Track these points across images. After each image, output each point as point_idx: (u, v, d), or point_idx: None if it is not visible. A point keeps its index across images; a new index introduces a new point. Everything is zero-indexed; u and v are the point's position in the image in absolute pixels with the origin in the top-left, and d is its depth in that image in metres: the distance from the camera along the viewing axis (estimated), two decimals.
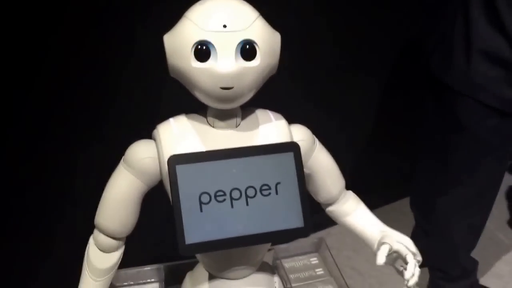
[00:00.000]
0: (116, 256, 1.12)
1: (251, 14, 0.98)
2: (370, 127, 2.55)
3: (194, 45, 0.94)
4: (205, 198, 0.99)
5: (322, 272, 1.34)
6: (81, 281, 1.12)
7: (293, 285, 1.31)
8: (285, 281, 1.31)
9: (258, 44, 0.97)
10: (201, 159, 1.00)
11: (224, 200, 1.00)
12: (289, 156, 1.04)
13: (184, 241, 0.97)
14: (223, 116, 1.05)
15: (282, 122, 1.11)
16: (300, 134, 1.12)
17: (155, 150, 1.04)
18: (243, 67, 0.95)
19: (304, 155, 1.08)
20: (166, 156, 1.00)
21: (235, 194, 1.01)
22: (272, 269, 1.20)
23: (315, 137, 1.16)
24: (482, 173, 1.79)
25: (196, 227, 0.98)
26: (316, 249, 1.40)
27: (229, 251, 1.05)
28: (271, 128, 1.08)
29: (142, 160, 1.03)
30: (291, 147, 1.04)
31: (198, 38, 0.93)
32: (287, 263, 1.39)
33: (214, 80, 0.95)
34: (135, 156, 1.04)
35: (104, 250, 1.10)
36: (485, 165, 1.78)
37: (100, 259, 1.10)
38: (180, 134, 1.04)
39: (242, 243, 1.01)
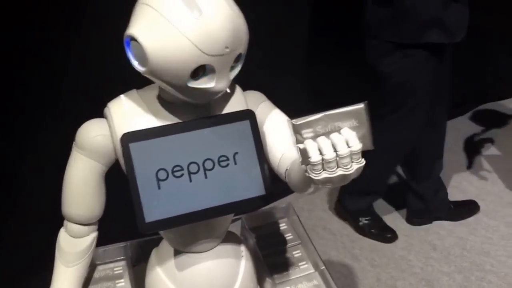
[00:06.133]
0: (88, 240, 1.09)
1: (245, 24, 0.95)
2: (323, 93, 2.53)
3: (193, 68, 0.89)
4: (162, 175, 0.97)
5: (291, 237, 1.35)
6: (54, 271, 1.09)
7: (262, 252, 1.31)
8: (253, 249, 1.30)
9: (245, 52, 0.97)
10: (155, 135, 0.97)
11: (182, 175, 0.98)
12: (245, 124, 1.02)
13: (144, 220, 0.95)
14: None
15: (237, 90, 1.08)
16: (255, 100, 1.09)
17: (107, 128, 1.00)
18: (232, 77, 0.97)
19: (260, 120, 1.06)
20: (119, 134, 0.97)
21: (193, 168, 0.99)
22: (239, 239, 1.20)
23: (269, 101, 1.12)
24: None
25: (155, 205, 0.96)
26: (285, 214, 1.40)
27: (193, 225, 1.04)
28: (225, 97, 1.06)
29: (93, 138, 0.99)
30: (247, 115, 1.02)
31: (200, 63, 0.89)
32: (256, 231, 1.38)
33: (208, 95, 0.95)
34: (85, 135, 1.00)
35: (75, 236, 1.08)
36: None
37: (70, 243, 1.08)
38: (132, 111, 1.01)
39: (203, 217, 1.00)
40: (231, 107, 1.04)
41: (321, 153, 0.77)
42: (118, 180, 1.06)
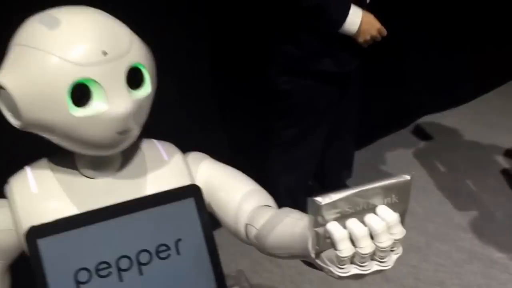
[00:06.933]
0: None
1: (125, 27, 0.77)
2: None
3: (70, 88, 0.69)
4: (83, 276, 0.77)
5: None
6: None
7: None
8: None
9: (146, 66, 0.77)
10: (71, 226, 0.77)
11: (110, 273, 0.79)
12: (189, 203, 0.83)
13: None
14: (99, 160, 0.80)
15: (176, 155, 0.88)
16: (196, 161, 0.89)
17: (8, 216, 0.79)
18: (138, 100, 0.75)
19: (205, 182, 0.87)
20: (24, 223, 0.76)
21: (124, 263, 0.79)
22: None
23: (212, 159, 0.93)
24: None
25: None
26: (236, 282, 1.21)
27: None
28: (162, 167, 0.85)
29: None
30: (191, 192, 0.83)
31: (75, 78, 0.69)
32: None
33: (108, 127, 0.73)
34: None
35: None
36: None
37: None
38: (40, 192, 0.79)
39: None
40: (170, 180, 0.84)
41: (353, 243, 0.57)
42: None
